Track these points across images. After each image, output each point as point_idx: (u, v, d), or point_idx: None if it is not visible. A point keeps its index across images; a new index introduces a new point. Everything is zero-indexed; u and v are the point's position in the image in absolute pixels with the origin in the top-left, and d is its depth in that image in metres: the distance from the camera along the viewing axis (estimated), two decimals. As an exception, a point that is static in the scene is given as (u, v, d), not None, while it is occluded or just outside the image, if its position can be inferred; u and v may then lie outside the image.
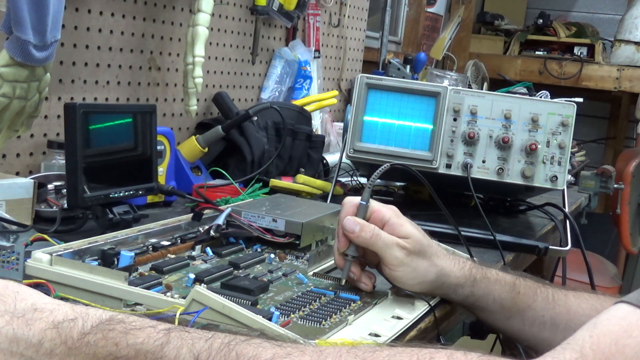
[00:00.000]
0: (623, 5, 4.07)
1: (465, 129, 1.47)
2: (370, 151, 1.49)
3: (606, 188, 2.54)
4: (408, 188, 1.81)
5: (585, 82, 3.73)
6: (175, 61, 1.74)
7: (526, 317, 0.99)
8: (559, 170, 1.46)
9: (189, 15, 1.67)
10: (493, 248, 1.36)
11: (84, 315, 0.65)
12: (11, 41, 1.09)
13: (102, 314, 0.66)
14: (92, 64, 1.52)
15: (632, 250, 3.27)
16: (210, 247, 1.08)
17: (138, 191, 1.23)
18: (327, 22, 2.43)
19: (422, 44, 3.56)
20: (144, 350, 0.62)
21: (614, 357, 0.58)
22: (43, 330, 0.64)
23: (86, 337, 0.63)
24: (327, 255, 1.13)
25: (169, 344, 0.62)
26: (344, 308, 0.91)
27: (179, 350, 0.62)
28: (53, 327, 0.64)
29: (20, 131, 1.22)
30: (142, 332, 0.63)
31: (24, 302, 0.67)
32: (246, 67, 2.03)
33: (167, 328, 0.63)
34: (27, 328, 0.65)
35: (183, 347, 0.62)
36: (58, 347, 0.63)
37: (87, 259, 0.93)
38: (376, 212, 0.97)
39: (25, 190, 1.15)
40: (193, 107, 1.61)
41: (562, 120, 1.46)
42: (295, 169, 1.79)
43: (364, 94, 1.50)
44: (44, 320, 0.65)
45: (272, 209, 1.16)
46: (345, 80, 2.59)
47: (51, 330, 0.64)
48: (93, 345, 0.63)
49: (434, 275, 0.96)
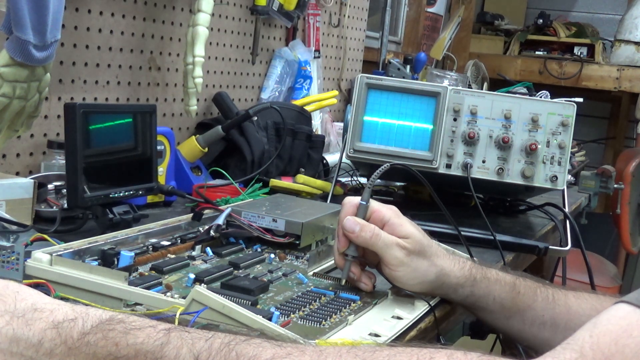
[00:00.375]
0: (623, 5, 4.07)
1: (465, 129, 1.47)
2: (370, 151, 1.49)
3: (606, 188, 2.54)
4: (408, 188, 1.81)
5: (585, 82, 3.73)
6: (175, 61, 1.74)
7: (526, 317, 0.99)
8: (559, 170, 1.46)
9: (189, 15, 1.67)
10: (493, 248, 1.36)
11: (84, 315, 0.65)
12: (11, 41, 1.09)
13: (102, 314, 0.66)
14: (92, 64, 1.52)
15: (632, 250, 3.26)
16: (210, 247, 1.08)
17: (138, 191, 1.23)
18: (327, 22, 2.43)
19: (422, 44, 3.56)
20: (144, 350, 0.62)
21: (613, 356, 0.58)
22: (43, 330, 0.64)
23: (86, 337, 0.63)
24: (327, 255, 1.13)
25: (169, 343, 0.62)
26: (344, 308, 0.91)
27: (179, 350, 0.62)
28: (53, 327, 0.64)
29: (20, 131, 1.22)
30: (142, 332, 0.63)
31: (24, 302, 0.67)
32: (246, 67, 2.03)
33: (167, 328, 0.63)
34: (27, 328, 0.65)
35: (183, 347, 0.62)
36: (58, 347, 0.63)
37: (87, 259, 0.93)
38: (376, 212, 0.97)
39: (25, 190, 1.15)
40: (193, 107, 1.61)
41: (562, 120, 1.46)
42: (295, 169, 1.79)
43: (364, 94, 1.50)
44: (44, 320, 0.65)
45: (272, 209, 1.16)
46: (345, 80, 2.59)
47: (51, 330, 0.64)
48: (93, 345, 0.63)
49: (434, 275, 0.96)
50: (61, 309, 0.66)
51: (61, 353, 0.63)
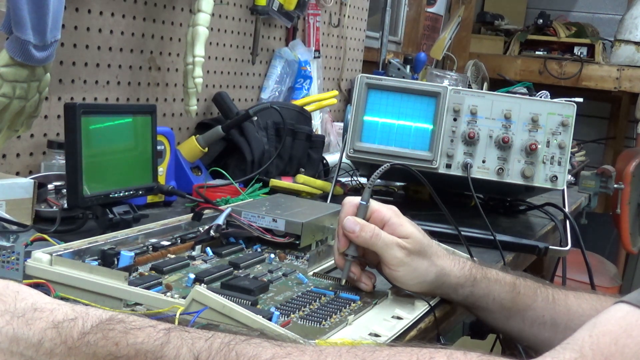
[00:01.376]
0: (623, 5, 4.07)
1: (465, 129, 1.47)
2: (370, 151, 1.49)
3: (606, 188, 2.54)
4: (408, 188, 1.81)
5: (585, 82, 3.73)
6: (175, 61, 1.74)
7: (526, 317, 0.99)
8: (559, 170, 1.46)
9: (189, 15, 1.67)
10: (493, 248, 1.35)
11: (84, 315, 0.65)
12: (11, 41, 1.09)
13: (102, 313, 0.66)
14: (92, 64, 1.52)
15: (632, 250, 3.26)
16: (210, 247, 1.08)
17: (138, 191, 1.23)
18: (327, 22, 2.43)
19: (422, 44, 3.56)
20: (144, 350, 0.62)
21: (613, 356, 0.58)
22: (43, 330, 0.64)
23: (86, 336, 0.63)
24: (327, 255, 1.13)
25: (169, 343, 0.62)
26: (344, 308, 0.91)
27: (178, 349, 0.62)
28: (53, 326, 0.64)
29: (20, 131, 1.22)
30: (142, 332, 0.63)
31: (24, 302, 0.67)
32: (246, 67, 2.03)
33: (167, 328, 0.63)
34: (27, 328, 0.65)
35: (183, 346, 0.62)
36: (58, 346, 0.63)
37: (87, 259, 0.93)
38: (376, 212, 0.97)
39: (25, 190, 1.15)
40: (193, 107, 1.61)
41: (562, 120, 1.46)
42: (295, 169, 1.79)
43: (364, 94, 1.50)
44: (44, 320, 0.65)
45: (272, 209, 1.16)
46: (345, 80, 2.59)
47: (51, 330, 0.64)
48: (93, 345, 0.63)
49: (434, 275, 0.96)
50: (61, 309, 0.66)
51: (61, 353, 0.63)
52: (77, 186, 1.11)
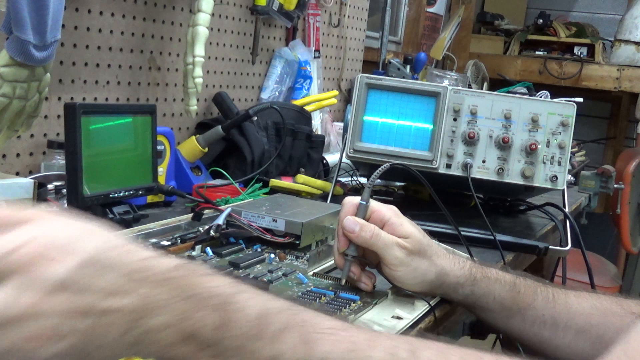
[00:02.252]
0: (623, 5, 4.07)
1: (465, 129, 1.47)
2: (370, 151, 1.49)
3: (606, 188, 2.54)
4: (408, 188, 1.81)
5: (585, 82, 3.73)
6: (175, 61, 1.74)
7: (526, 317, 0.99)
8: (559, 170, 1.46)
9: (189, 15, 1.67)
10: (493, 248, 1.35)
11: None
12: (11, 41, 1.09)
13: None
14: (92, 64, 1.52)
15: (632, 250, 3.26)
16: (210, 247, 1.07)
17: (138, 191, 1.23)
18: (327, 22, 2.43)
19: (422, 44, 3.56)
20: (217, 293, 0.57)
21: None
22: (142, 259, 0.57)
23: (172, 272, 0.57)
24: (327, 255, 1.13)
25: (243, 292, 0.59)
26: (344, 308, 0.91)
27: (248, 301, 0.58)
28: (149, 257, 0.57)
29: (20, 131, 1.22)
30: (216, 278, 0.59)
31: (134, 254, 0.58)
32: (246, 67, 2.03)
33: (237, 280, 0.60)
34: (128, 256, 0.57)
35: (255, 297, 0.59)
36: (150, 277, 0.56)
37: (87, 258, 0.93)
38: (376, 212, 0.96)
39: (25, 190, 1.15)
40: (193, 107, 1.61)
41: (562, 120, 1.46)
42: (295, 169, 1.79)
43: (364, 94, 1.50)
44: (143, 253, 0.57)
45: (272, 209, 1.16)
46: (345, 80, 2.59)
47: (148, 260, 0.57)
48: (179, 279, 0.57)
49: (434, 275, 0.96)
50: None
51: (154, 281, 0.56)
52: (77, 186, 1.11)
